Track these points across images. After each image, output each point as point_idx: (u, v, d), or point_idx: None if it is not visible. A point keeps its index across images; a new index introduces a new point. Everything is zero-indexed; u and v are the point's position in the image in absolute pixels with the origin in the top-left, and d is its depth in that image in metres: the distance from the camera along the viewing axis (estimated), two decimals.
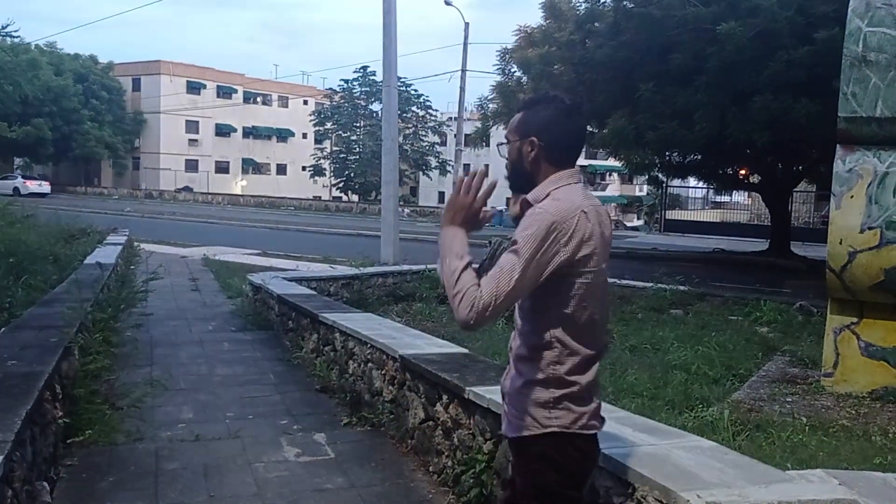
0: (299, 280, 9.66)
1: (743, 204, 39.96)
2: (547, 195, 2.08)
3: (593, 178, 62.09)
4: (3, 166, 57.50)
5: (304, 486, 3.92)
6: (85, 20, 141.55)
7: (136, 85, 60.18)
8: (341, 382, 5.76)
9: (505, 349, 7.14)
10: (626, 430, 2.77)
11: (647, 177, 25.08)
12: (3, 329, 5.48)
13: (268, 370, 6.67)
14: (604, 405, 3.39)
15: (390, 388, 4.86)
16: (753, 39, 13.48)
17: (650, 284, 12.10)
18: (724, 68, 14.06)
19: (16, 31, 9.02)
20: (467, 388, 3.52)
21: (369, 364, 5.20)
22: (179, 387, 6.00)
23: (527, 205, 2.09)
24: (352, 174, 54.94)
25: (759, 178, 21.92)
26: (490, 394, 3.37)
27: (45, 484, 3.50)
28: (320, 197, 57.34)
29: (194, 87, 61.26)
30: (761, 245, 22.73)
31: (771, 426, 5.07)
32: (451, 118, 47.42)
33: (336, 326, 5.96)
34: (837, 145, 6.02)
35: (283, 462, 4.27)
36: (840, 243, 5.94)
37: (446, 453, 3.89)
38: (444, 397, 3.94)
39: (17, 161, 59.14)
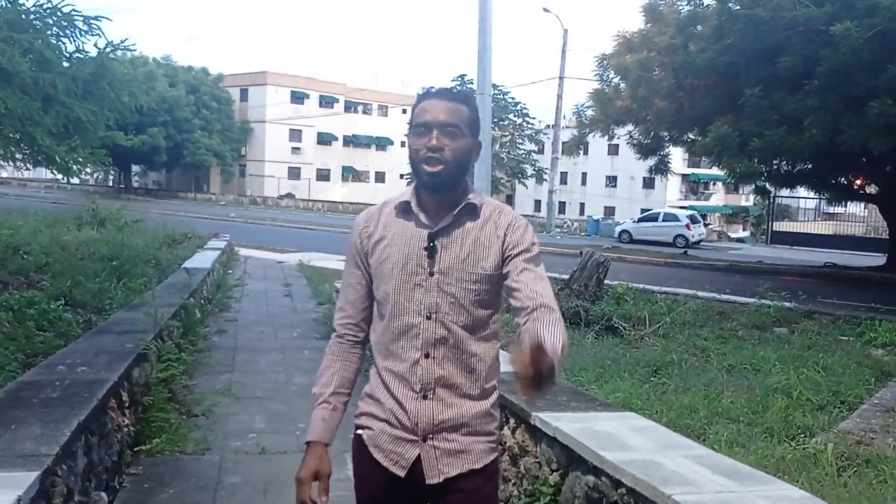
0: None
1: (858, 215, 37.54)
2: (482, 198, 1.99)
3: (696, 186, 59.84)
4: (121, 173, 60.92)
5: None
6: (197, 33, 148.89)
7: (244, 95, 62.47)
8: None
9: (591, 361, 6.90)
10: (703, 473, 2.45)
11: (753, 186, 24.05)
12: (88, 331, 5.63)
13: None
14: (684, 440, 3.09)
15: None
16: (871, 40, 12.66)
17: (752, 300, 11.47)
18: (837, 71, 13.27)
19: (133, 45, 9.45)
20: (533, 413, 3.26)
21: None
22: (255, 395, 5.97)
23: (469, 207, 1.93)
24: None
25: (877, 188, 20.63)
26: (556, 421, 3.11)
27: (104, 495, 3.47)
28: None
29: (298, 97, 63.08)
30: (878, 260, 21.42)
31: (883, 462, 4.56)
32: (548, 126, 46.78)
33: None
34: None
35: (344, 481, 4.07)
36: None
37: (513, 481, 3.64)
38: (511, 420, 3.69)
39: (135, 168, 62.53)
